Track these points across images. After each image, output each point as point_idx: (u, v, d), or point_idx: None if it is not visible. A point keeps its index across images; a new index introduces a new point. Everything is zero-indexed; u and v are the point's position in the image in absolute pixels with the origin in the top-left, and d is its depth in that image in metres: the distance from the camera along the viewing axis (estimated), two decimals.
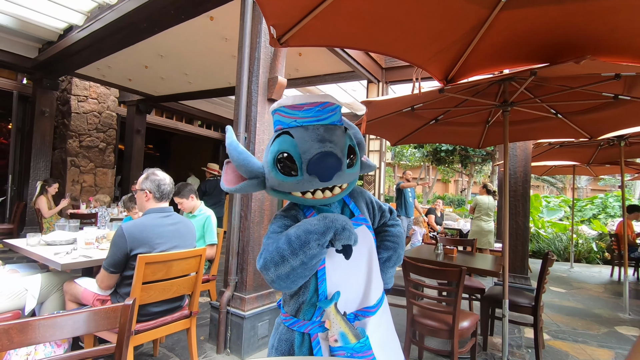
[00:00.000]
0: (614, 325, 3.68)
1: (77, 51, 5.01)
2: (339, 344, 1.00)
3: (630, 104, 2.73)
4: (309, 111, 1.03)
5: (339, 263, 1.09)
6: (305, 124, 1.03)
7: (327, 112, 1.05)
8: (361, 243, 1.12)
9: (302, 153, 0.99)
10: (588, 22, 1.56)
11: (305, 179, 1.00)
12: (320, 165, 0.97)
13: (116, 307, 1.18)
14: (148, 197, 2.09)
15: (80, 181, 6.78)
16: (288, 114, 1.05)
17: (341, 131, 1.06)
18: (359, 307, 1.12)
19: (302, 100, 1.03)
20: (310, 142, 1.00)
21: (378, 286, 1.18)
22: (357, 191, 1.28)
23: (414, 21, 1.60)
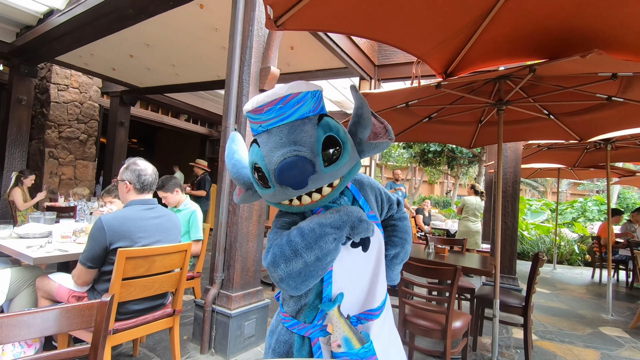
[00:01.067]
0: (598, 326, 3.72)
1: (57, 37, 4.77)
2: (342, 350, 0.92)
3: (622, 106, 2.74)
4: (270, 112, 0.89)
5: (347, 263, 1.00)
6: (270, 127, 0.91)
7: (291, 106, 0.89)
8: (372, 242, 1.05)
9: (267, 164, 0.88)
10: (594, 15, 1.52)
11: (278, 191, 0.89)
12: (287, 174, 0.84)
13: (92, 304, 1.07)
14: (128, 188, 1.96)
15: (58, 173, 6.50)
16: (253, 119, 0.93)
17: (311, 125, 0.89)
18: (362, 310, 1.03)
19: (262, 101, 0.90)
20: (273, 150, 0.87)
21: (383, 287, 1.10)
22: (366, 183, 1.16)
23: (418, 8, 1.54)
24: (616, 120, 3.00)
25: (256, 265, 2.77)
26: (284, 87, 0.89)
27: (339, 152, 0.90)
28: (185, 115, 9.46)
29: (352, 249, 1.01)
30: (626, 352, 3.06)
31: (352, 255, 1.01)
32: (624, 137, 4.21)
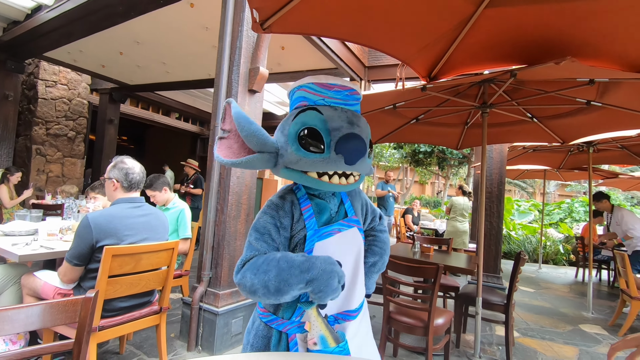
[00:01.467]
0: (579, 324, 3.83)
1: (45, 32, 4.72)
2: (317, 347, 0.95)
3: (601, 111, 2.83)
4: (338, 93, 1.01)
5: None
6: (334, 104, 1.00)
7: (353, 98, 1.04)
8: (350, 246, 1.10)
9: (331, 130, 0.94)
10: (572, 24, 1.59)
11: (331, 158, 0.94)
12: (350, 146, 0.93)
13: (76, 299, 1.09)
14: (116, 187, 1.97)
15: (46, 171, 6.42)
16: (316, 91, 1.01)
17: (365, 121, 1.04)
18: (340, 310, 1.07)
19: (332, 81, 1.01)
20: (340, 122, 0.95)
21: (361, 291, 1.14)
22: (356, 191, 1.24)
23: (401, 14, 1.58)
24: (596, 124, 3.10)
25: None
26: (346, 82, 1.04)
27: (370, 153, 1.06)
28: (177, 114, 9.41)
29: (330, 242, 1.04)
30: (603, 349, 3.16)
31: (330, 250, 1.03)
32: (606, 140, 4.32)
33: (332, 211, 1.10)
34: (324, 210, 1.08)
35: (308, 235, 1.01)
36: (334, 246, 1.04)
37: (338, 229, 1.07)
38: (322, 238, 1.03)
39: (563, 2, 1.48)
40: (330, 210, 1.10)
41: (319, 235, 1.02)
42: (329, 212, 1.09)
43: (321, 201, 1.09)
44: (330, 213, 1.10)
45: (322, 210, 1.08)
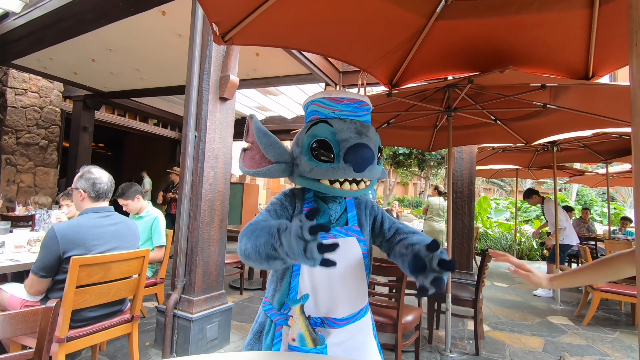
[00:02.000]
0: (547, 316, 4.01)
1: (13, 40, 4.62)
2: (295, 344, 1.00)
3: (557, 113, 3.00)
4: (347, 105, 1.08)
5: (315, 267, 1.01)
6: (343, 117, 1.08)
7: (362, 110, 1.11)
8: (343, 254, 1.08)
9: (340, 141, 1.02)
10: (513, 35, 1.71)
11: (340, 167, 1.02)
12: (357, 155, 0.99)
13: (36, 310, 1.11)
14: (83, 197, 1.97)
15: (17, 181, 6.24)
16: (327, 105, 1.09)
17: (374, 130, 1.11)
18: (325, 315, 1.08)
19: (342, 95, 1.09)
20: (349, 133, 1.03)
21: (351, 303, 1.12)
22: (364, 203, 1.25)
23: (357, 26, 1.66)
24: (554, 125, 3.28)
25: (219, 269, 2.82)
26: (356, 95, 1.11)
27: (380, 159, 1.11)
28: (155, 120, 9.30)
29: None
30: (567, 338, 3.33)
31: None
32: (568, 139, 4.55)
33: (331, 217, 1.15)
34: (323, 213, 1.14)
35: None
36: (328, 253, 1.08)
37: (333, 235, 1.11)
38: None
39: (505, 16, 1.60)
40: (329, 216, 1.14)
41: None
42: (327, 217, 1.14)
43: (324, 205, 1.15)
44: (329, 218, 1.14)
45: (322, 214, 1.14)
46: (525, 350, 3.01)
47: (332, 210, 1.15)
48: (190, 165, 2.68)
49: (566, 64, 1.83)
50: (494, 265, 7.21)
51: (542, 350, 3.03)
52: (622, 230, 7.22)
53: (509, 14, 1.57)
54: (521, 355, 2.93)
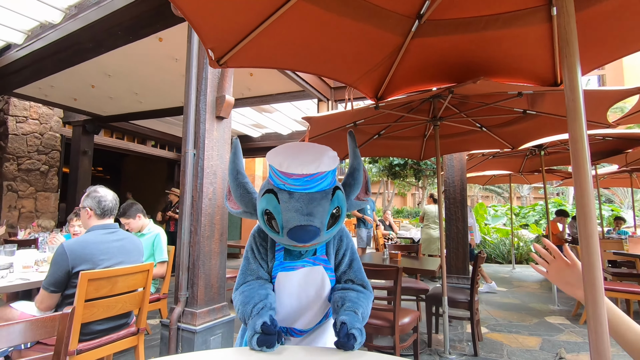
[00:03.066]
0: (544, 316, 4.08)
1: (15, 70, 4.80)
2: None
3: (538, 118, 3.16)
4: (297, 180, 1.06)
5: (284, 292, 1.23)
6: (292, 190, 1.07)
7: (315, 181, 1.07)
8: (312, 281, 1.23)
9: (284, 221, 1.07)
10: (482, 49, 1.87)
11: (285, 240, 1.10)
12: (298, 235, 1.05)
13: (54, 316, 1.21)
14: (89, 215, 2.09)
15: (18, 207, 6.32)
16: (278, 176, 1.09)
17: (326, 200, 1.09)
18: (289, 326, 1.25)
19: (292, 170, 1.06)
20: (292, 213, 1.06)
21: (314, 319, 1.27)
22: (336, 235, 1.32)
23: (339, 46, 1.82)
24: (536, 129, 3.43)
25: (220, 281, 2.90)
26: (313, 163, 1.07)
27: (338, 218, 1.14)
28: (152, 141, 9.46)
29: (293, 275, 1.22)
30: (564, 337, 3.40)
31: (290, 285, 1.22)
32: (554, 142, 4.72)
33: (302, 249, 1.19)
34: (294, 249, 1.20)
35: (274, 265, 1.23)
36: (296, 279, 1.22)
37: (302, 265, 1.22)
38: (286, 270, 1.22)
39: (474, 32, 1.76)
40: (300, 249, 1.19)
41: (282, 267, 1.22)
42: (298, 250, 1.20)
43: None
44: (300, 250, 1.20)
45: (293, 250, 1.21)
46: (523, 349, 3.08)
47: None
48: (190, 182, 2.80)
49: (534, 73, 1.98)
50: (494, 270, 7.27)
51: (539, 349, 3.10)
52: (616, 229, 7.33)
53: (477, 31, 1.73)
54: (519, 354, 2.99)
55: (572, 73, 0.86)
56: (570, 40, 0.86)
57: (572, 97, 0.85)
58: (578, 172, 0.83)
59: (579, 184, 0.84)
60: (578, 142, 0.85)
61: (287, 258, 1.22)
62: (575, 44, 0.86)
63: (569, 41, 0.86)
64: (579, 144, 0.85)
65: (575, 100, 0.84)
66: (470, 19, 1.70)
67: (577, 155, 0.85)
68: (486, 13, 1.67)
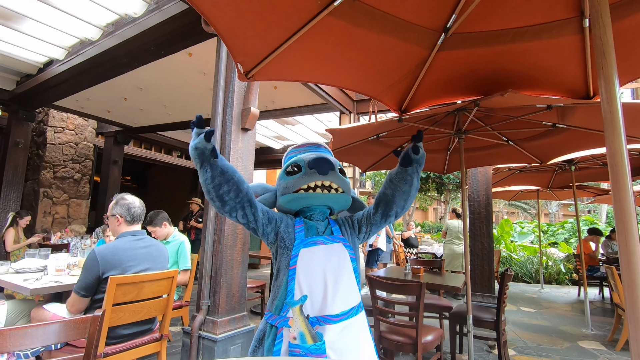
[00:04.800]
0: (577, 340, 3.85)
1: (56, 84, 5.11)
2: (297, 342, 1.11)
3: (568, 132, 3.06)
4: (309, 147, 1.56)
5: (308, 268, 1.27)
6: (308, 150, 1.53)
7: (321, 149, 1.57)
8: (333, 257, 1.32)
9: (305, 159, 1.40)
10: (510, 61, 1.84)
11: (307, 173, 1.35)
12: (317, 161, 1.35)
13: (86, 317, 1.25)
14: (119, 222, 2.16)
15: (52, 212, 6.63)
16: (295, 151, 1.55)
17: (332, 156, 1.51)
18: (321, 313, 1.23)
19: (301, 144, 1.59)
20: (310, 154, 1.44)
21: (344, 300, 1.29)
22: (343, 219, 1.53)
23: (365, 59, 1.84)
24: (566, 144, 3.31)
25: (241, 291, 2.92)
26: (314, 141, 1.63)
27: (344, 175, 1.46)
28: (178, 152, 9.76)
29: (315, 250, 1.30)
30: None
31: (314, 260, 1.27)
32: (585, 157, 4.53)
33: (319, 230, 1.39)
34: (312, 228, 1.39)
35: (295, 243, 1.32)
36: (318, 254, 1.30)
37: (323, 241, 1.34)
38: (308, 246, 1.31)
39: (502, 45, 1.74)
40: (317, 229, 1.39)
41: (305, 243, 1.31)
42: (316, 229, 1.39)
43: (311, 222, 1.40)
44: (317, 230, 1.39)
45: (310, 228, 1.38)
46: None
47: (318, 225, 1.41)
48: None
49: (565, 86, 1.94)
50: (520, 290, 6.97)
51: None
52: None
53: (505, 43, 1.72)
54: None
55: (610, 85, 0.83)
56: (607, 52, 0.84)
57: (609, 109, 0.82)
58: (617, 186, 0.80)
59: (619, 199, 0.80)
60: (617, 155, 0.82)
61: (307, 235, 1.35)
62: (612, 55, 0.84)
63: (606, 52, 0.85)
64: (618, 156, 0.82)
65: (613, 112, 0.82)
66: (498, 32, 1.69)
67: (616, 168, 0.82)
68: (514, 26, 1.66)
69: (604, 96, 0.84)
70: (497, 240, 9.53)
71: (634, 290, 0.76)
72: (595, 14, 0.88)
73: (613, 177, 0.81)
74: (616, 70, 0.84)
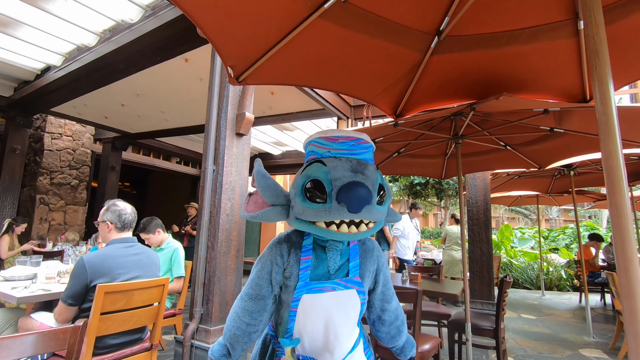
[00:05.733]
0: (578, 348, 3.78)
1: (53, 90, 5.10)
2: None
3: (566, 136, 3.03)
4: (343, 144, 1.04)
5: (310, 316, 1.10)
6: (339, 155, 1.04)
7: (361, 147, 1.06)
8: (342, 306, 1.10)
9: (333, 180, 0.97)
10: (505, 64, 1.82)
11: (333, 207, 0.97)
12: (351, 194, 0.93)
13: (66, 328, 1.21)
14: (110, 228, 2.12)
15: (48, 219, 6.59)
16: (323, 145, 1.07)
17: (373, 168, 1.06)
18: (317, 357, 1.11)
19: (338, 133, 1.06)
20: (343, 171, 0.98)
21: (343, 346, 1.12)
22: (375, 253, 1.23)
23: (358, 63, 1.82)
24: (564, 148, 3.28)
25: (234, 299, 2.86)
26: (354, 132, 1.09)
27: (383, 198, 1.06)
28: (177, 158, 9.74)
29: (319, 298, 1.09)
30: None
31: (317, 309, 1.09)
32: (584, 162, 4.50)
33: (330, 267, 1.11)
34: (321, 264, 1.11)
35: (298, 286, 1.08)
36: (323, 303, 1.08)
37: (332, 287, 1.09)
38: (312, 292, 1.07)
39: (496, 48, 1.72)
40: (327, 267, 1.11)
41: (308, 288, 1.07)
42: (326, 268, 1.11)
43: (322, 254, 1.12)
44: (327, 269, 1.11)
45: (319, 264, 1.10)
46: None
47: (330, 260, 1.12)
48: (208, 197, 2.82)
49: (562, 89, 1.91)
50: (521, 296, 6.90)
51: None
52: None
53: (500, 46, 1.69)
54: None
55: (604, 85, 0.80)
56: (601, 51, 0.81)
57: (603, 110, 0.79)
58: (613, 190, 0.77)
59: (615, 204, 0.77)
60: (612, 158, 0.79)
61: (314, 278, 1.09)
62: (605, 54, 0.81)
63: (599, 52, 0.82)
64: (613, 160, 0.79)
65: (607, 114, 0.78)
66: (492, 34, 1.66)
67: (611, 172, 0.79)
68: (509, 28, 1.63)
69: (597, 97, 0.81)
70: (498, 246, 9.46)
71: (632, 300, 0.72)
72: (587, 12, 0.86)
73: (608, 180, 0.78)
74: (610, 70, 0.81)
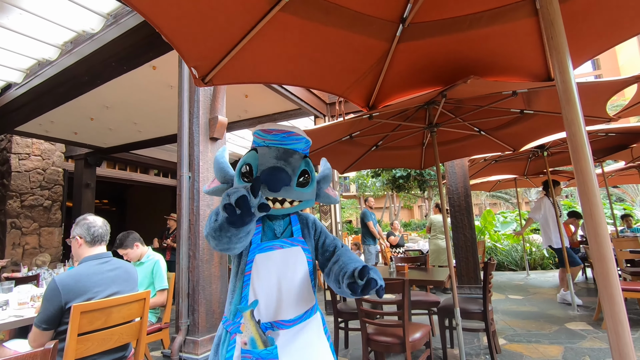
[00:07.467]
0: (564, 323, 3.88)
1: (16, 108, 4.89)
2: (247, 347, 1.08)
3: (536, 117, 3.10)
4: (276, 136, 1.25)
5: (263, 274, 1.21)
6: (270, 145, 1.25)
7: (291, 139, 1.27)
8: (290, 261, 1.26)
9: (260, 165, 1.21)
10: (471, 48, 1.84)
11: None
12: (270, 176, 1.13)
13: (35, 352, 1.14)
14: (80, 243, 2.03)
15: (22, 244, 6.31)
16: (260, 136, 1.27)
17: (299, 156, 1.26)
18: (274, 319, 1.20)
19: (272, 127, 1.27)
20: (268, 158, 1.21)
21: (298, 305, 1.25)
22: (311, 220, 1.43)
23: (325, 56, 1.80)
24: (536, 129, 3.37)
25: (221, 307, 2.80)
26: (287, 127, 1.29)
27: (307, 182, 1.27)
28: (155, 170, 9.51)
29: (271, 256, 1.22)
30: (588, 343, 3.21)
31: (269, 266, 1.21)
32: (556, 142, 4.63)
33: (276, 231, 1.31)
34: (269, 229, 1.31)
35: (251, 249, 1.24)
36: (275, 260, 1.24)
37: (280, 245, 1.27)
38: (263, 251, 1.24)
39: (460, 32, 1.73)
40: (274, 230, 1.31)
41: (260, 248, 1.24)
42: (273, 232, 1.31)
43: (270, 222, 1.32)
44: (274, 232, 1.31)
45: (268, 230, 1.30)
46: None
47: (276, 225, 1.32)
48: (186, 205, 2.75)
49: (525, 69, 1.95)
50: (507, 278, 7.05)
51: (562, 358, 2.93)
52: (629, 227, 7.13)
53: (463, 30, 1.71)
54: None
55: (560, 54, 0.81)
56: (555, 20, 0.82)
57: (562, 79, 0.80)
58: (579, 167, 0.77)
59: (582, 181, 0.78)
60: (577, 135, 0.80)
61: (264, 239, 1.26)
62: (560, 23, 0.82)
63: (554, 21, 0.82)
64: (577, 136, 0.80)
65: (566, 82, 0.79)
66: (454, 19, 1.68)
67: (576, 148, 0.79)
68: (469, 12, 1.65)
69: (555, 66, 0.82)
70: (481, 232, 9.65)
71: (603, 263, 0.72)
72: None
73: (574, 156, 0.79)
74: (565, 39, 0.82)
